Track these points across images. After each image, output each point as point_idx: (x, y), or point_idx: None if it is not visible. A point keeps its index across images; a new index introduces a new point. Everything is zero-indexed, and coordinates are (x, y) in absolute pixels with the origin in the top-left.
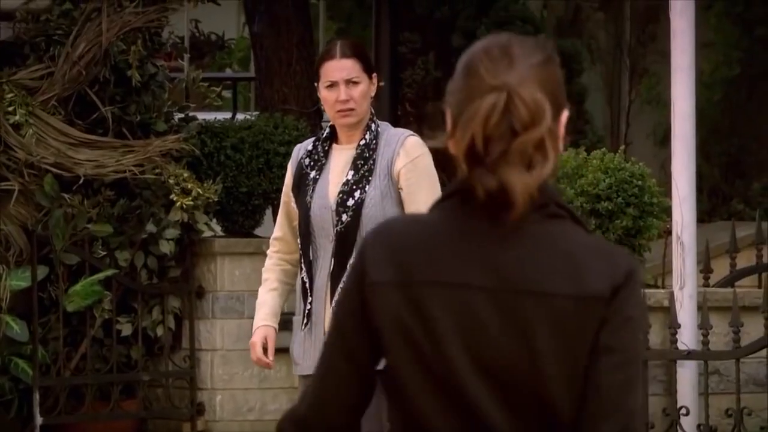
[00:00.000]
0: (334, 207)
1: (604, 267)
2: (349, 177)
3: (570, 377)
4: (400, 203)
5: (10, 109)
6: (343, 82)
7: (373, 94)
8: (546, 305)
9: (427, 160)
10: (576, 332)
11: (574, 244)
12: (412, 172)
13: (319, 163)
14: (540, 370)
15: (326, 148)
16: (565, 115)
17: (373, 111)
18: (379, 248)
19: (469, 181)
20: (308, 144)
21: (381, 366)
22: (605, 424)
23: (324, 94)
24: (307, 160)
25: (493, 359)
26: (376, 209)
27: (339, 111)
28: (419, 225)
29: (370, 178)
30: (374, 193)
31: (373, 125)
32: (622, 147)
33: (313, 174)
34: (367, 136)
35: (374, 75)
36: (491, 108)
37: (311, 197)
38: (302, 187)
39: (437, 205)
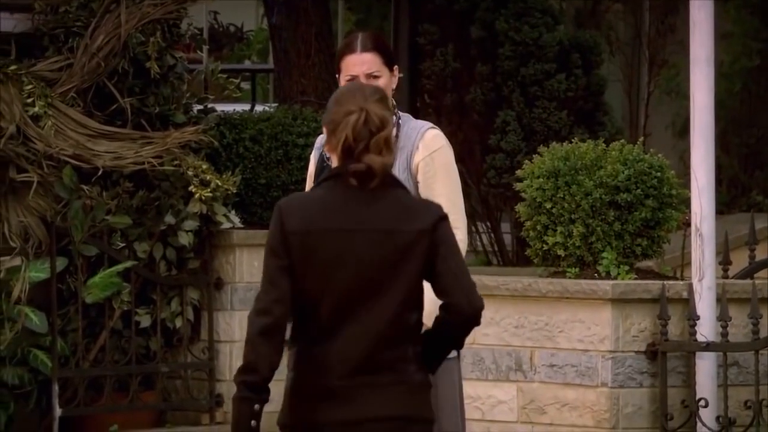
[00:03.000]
0: None
1: (427, 213)
2: None
3: (409, 279)
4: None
5: (29, 100)
6: (364, 77)
7: (394, 86)
8: (396, 236)
9: (446, 153)
10: (415, 252)
11: (407, 200)
12: (429, 165)
13: None
14: (391, 277)
15: None
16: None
17: (395, 103)
18: (290, 210)
19: (342, 167)
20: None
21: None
22: (452, 296)
23: None
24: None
25: (362, 273)
26: None
27: None
28: (314, 196)
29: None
30: None
31: (394, 118)
32: (641, 138)
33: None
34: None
35: (395, 67)
36: (356, 120)
37: None
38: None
39: (320, 185)
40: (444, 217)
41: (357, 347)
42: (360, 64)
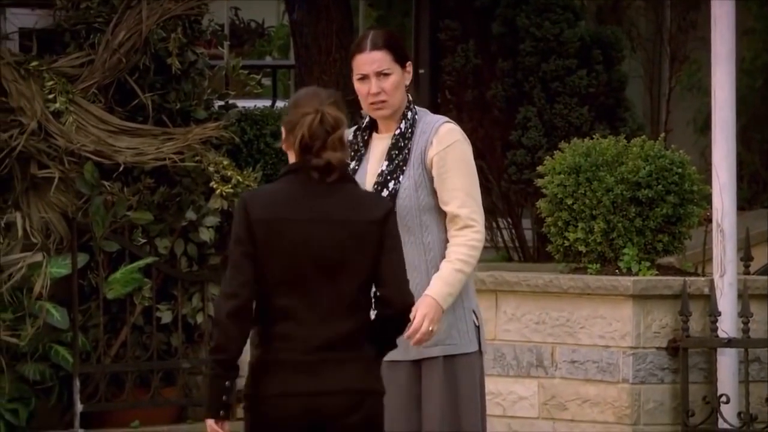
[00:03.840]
0: None
1: (378, 205)
2: (384, 167)
3: (362, 264)
4: (434, 192)
5: (51, 96)
6: (374, 75)
7: (407, 82)
8: (350, 226)
9: (461, 147)
10: (367, 240)
11: (360, 193)
12: (443, 159)
13: (358, 153)
14: (346, 262)
15: (365, 137)
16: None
17: (410, 98)
18: (254, 201)
19: (300, 163)
20: (349, 133)
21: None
22: (395, 288)
23: (357, 86)
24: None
25: (320, 259)
26: (410, 200)
27: (371, 103)
28: (275, 188)
29: (404, 167)
30: (408, 183)
31: (409, 113)
32: (663, 134)
33: (353, 164)
34: (402, 125)
35: (408, 63)
36: (312, 120)
37: None
38: None
39: (280, 179)
40: (392, 211)
41: (316, 327)
42: (369, 63)
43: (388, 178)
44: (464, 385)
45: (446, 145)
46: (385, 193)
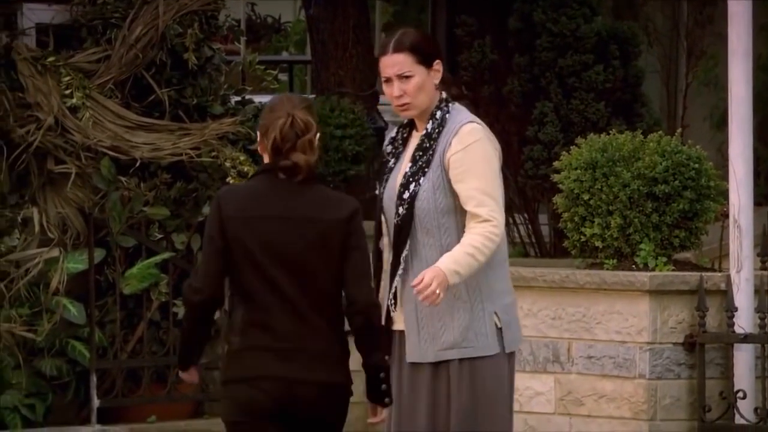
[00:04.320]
0: (395, 199)
1: (344, 205)
2: (407, 169)
3: (328, 261)
4: (454, 193)
5: (68, 92)
6: (396, 78)
7: (436, 81)
8: (317, 225)
9: (481, 147)
10: (332, 238)
11: (327, 194)
12: (461, 160)
13: (397, 151)
14: (313, 259)
15: (405, 135)
16: (318, 135)
17: (444, 97)
18: (227, 199)
19: (272, 164)
20: (393, 130)
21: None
22: (356, 286)
23: (383, 88)
24: (389, 148)
25: (288, 255)
26: (428, 202)
27: (397, 106)
28: (248, 187)
29: (426, 169)
30: (427, 186)
31: (438, 113)
32: (679, 130)
33: (391, 163)
34: (429, 126)
35: (436, 62)
36: (284, 122)
37: (384, 188)
38: (382, 176)
39: (253, 178)
40: (358, 211)
41: (286, 319)
42: (391, 66)
43: (410, 180)
44: (484, 387)
45: (465, 146)
46: (406, 195)
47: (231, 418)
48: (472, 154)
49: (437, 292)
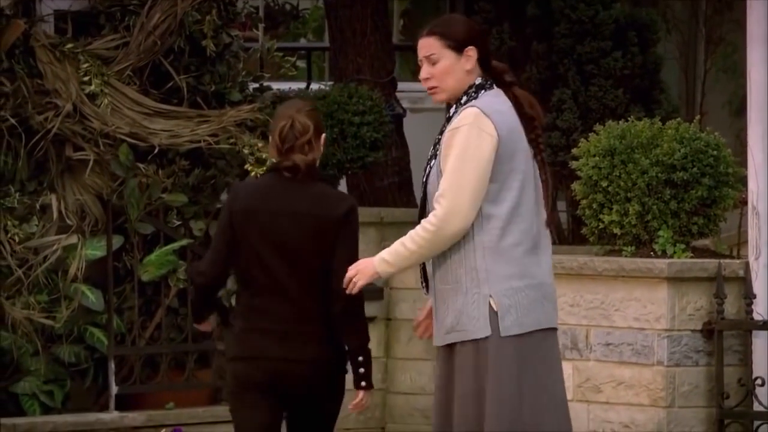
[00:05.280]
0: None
1: (341, 203)
2: (430, 152)
3: (322, 253)
4: None
5: (86, 79)
6: (425, 60)
7: (468, 67)
8: (314, 220)
9: (467, 131)
10: (327, 232)
11: (327, 191)
12: (448, 141)
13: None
14: (307, 250)
15: (446, 119)
16: (323, 136)
17: (476, 83)
18: (238, 193)
19: (277, 163)
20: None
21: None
22: (339, 277)
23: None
24: (438, 136)
25: (285, 246)
26: (432, 186)
27: (427, 88)
28: (257, 184)
29: (437, 153)
30: (434, 170)
31: (464, 98)
32: (698, 117)
33: (435, 149)
34: (452, 111)
35: (468, 48)
36: (284, 125)
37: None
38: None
39: (263, 176)
40: (354, 209)
41: (282, 304)
42: (420, 48)
43: (428, 163)
44: (485, 369)
45: (454, 128)
46: (424, 177)
47: (232, 390)
48: (457, 137)
49: (354, 280)
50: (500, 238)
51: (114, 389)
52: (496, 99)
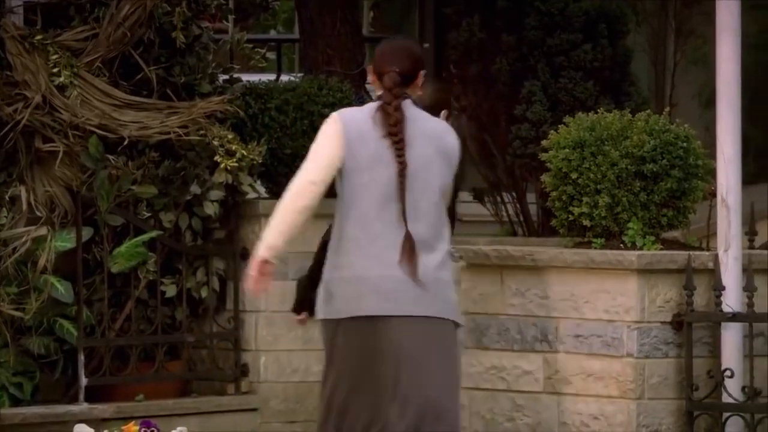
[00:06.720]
0: None
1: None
2: None
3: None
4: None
5: (55, 70)
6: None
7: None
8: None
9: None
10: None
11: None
12: None
13: None
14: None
15: None
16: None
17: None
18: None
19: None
20: None
21: None
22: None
23: None
24: None
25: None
26: None
27: None
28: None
29: None
30: None
31: None
32: (667, 109)
33: None
34: None
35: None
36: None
37: None
38: None
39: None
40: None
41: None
42: None
43: None
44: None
45: None
46: None
47: None
48: None
49: (251, 273)
50: (333, 228)
51: (83, 381)
52: (358, 108)
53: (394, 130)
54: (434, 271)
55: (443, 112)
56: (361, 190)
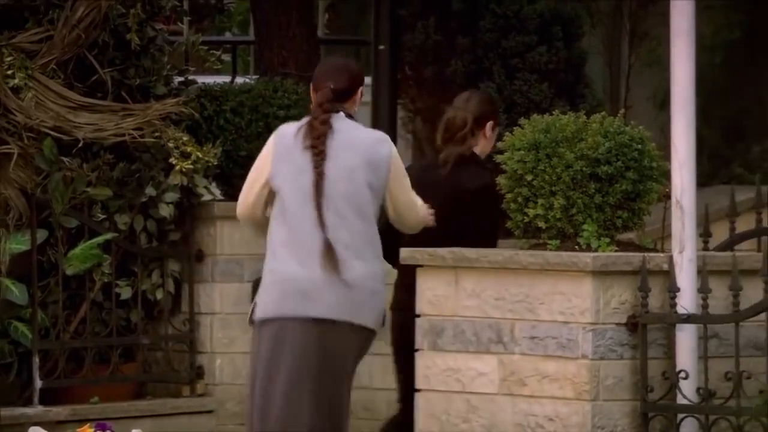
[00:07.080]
0: None
1: None
2: None
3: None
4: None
5: (10, 72)
6: None
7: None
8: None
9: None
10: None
11: None
12: None
13: None
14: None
15: None
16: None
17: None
18: None
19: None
20: None
21: None
22: None
23: None
24: None
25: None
26: None
27: None
28: None
29: None
30: None
31: None
32: (622, 111)
33: None
34: None
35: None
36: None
37: None
38: None
39: None
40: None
41: None
42: None
43: None
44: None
45: None
46: None
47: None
48: None
49: None
50: (269, 236)
51: (38, 383)
52: (298, 123)
53: (316, 142)
54: (361, 276)
55: (489, 124)
56: (287, 198)
